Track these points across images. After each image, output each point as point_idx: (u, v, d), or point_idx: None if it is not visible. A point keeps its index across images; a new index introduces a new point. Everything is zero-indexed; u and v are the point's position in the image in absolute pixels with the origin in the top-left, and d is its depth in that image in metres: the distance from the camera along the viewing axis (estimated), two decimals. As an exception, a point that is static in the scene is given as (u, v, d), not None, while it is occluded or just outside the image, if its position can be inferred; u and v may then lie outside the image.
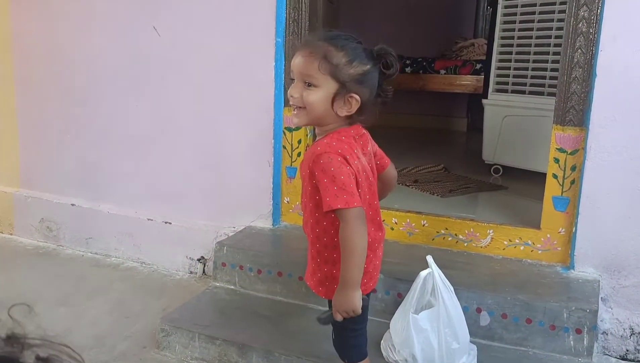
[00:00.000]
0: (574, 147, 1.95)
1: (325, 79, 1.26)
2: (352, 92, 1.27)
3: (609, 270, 1.92)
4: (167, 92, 2.52)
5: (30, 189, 2.92)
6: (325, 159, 1.25)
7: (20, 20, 2.80)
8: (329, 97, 1.27)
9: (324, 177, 1.24)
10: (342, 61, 1.26)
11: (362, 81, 1.27)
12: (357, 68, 1.27)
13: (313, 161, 1.27)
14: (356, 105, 1.28)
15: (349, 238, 1.24)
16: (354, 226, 1.24)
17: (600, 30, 1.84)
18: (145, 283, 2.45)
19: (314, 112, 1.29)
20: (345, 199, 1.22)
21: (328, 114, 1.29)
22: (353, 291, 1.27)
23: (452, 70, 4.69)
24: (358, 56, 1.27)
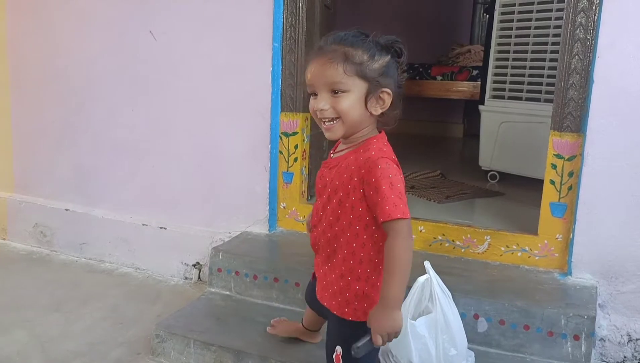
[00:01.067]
0: (572, 153, 1.94)
1: (354, 81, 1.20)
2: (383, 87, 1.21)
3: (606, 277, 1.92)
4: (162, 97, 2.51)
5: (24, 194, 2.90)
6: (384, 164, 1.18)
7: (16, 25, 2.79)
8: (362, 99, 1.21)
9: (383, 184, 1.16)
10: (364, 58, 1.20)
11: (387, 73, 1.22)
12: (380, 61, 1.21)
13: (369, 167, 1.19)
14: (389, 99, 1.22)
15: (400, 251, 1.16)
16: (406, 239, 1.17)
17: (597, 36, 1.84)
18: (140, 289, 2.43)
19: (351, 119, 1.22)
20: (402, 209, 1.15)
21: (363, 117, 1.23)
22: (397, 310, 1.16)
23: (448, 76, 4.70)
24: (375, 49, 1.22)
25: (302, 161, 2.36)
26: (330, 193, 1.27)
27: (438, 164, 3.62)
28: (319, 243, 1.34)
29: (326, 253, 1.32)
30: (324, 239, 1.31)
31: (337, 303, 1.30)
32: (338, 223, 1.27)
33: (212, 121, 2.42)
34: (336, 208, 1.26)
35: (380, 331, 1.16)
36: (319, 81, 1.22)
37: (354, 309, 1.28)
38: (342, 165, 1.26)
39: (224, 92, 2.38)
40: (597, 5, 1.84)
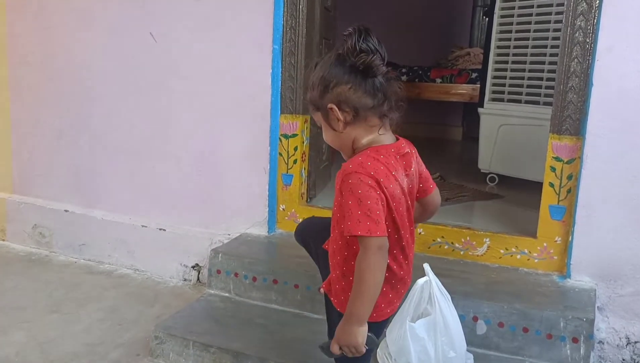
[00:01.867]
0: (571, 156, 1.95)
1: (315, 115, 1.28)
2: (327, 105, 1.22)
3: (605, 279, 1.92)
4: (162, 99, 2.51)
5: (23, 195, 2.90)
6: (355, 179, 1.16)
7: (15, 26, 2.79)
8: (327, 126, 1.25)
9: (350, 198, 1.16)
10: (311, 91, 1.26)
11: (325, 89, 1.22)
12: (315, 85, 1.24)
13: (342, 179, 1.19)
14: (335, 112, 1.21)
15: (364, 269, 1.15)
16: (372, 257, 1.15)
17: (596, 39, 1.85)
18: (139, 290, 2.42)
19: (333, 144, 1.29)
20: (368, 226, 1.14)
21: (340, 137, 1.25)
22: (357, 326, 1.17)
23: (448, 79, 4.71)
24: (314, 74, 1.25)
25: (301, 163, 2.36)
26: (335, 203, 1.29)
27: (437, 167, 3.62)
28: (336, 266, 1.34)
29: (332, 249, 1.33)
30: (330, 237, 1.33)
31: (339, 301, 1.32)
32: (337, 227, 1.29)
33: (211, 122, 2.42)
34: (334, 214, 1.28)
35: (339, 341, 1.19)
36: None
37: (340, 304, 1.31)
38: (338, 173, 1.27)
39: (224, 94, 2.38)
40: (596, 9, 1.85)
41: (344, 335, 1.19)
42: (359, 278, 1.16)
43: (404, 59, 5.19)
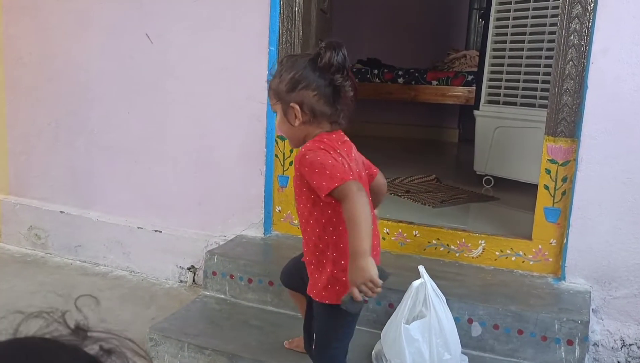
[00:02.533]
0: (566, 158, 1.96)
1: (274, 102, 1.38)
2: (290, 103, 1.34)
3: (599, 282, 1.93)
4: (158, 100, 2.51)
5: (19, 196, 2.89)
6: (310, 154, 1.30)
7: (12, 27, 2.78)
8: (282, 116, 1.37)
9: (313, 168, 1.28)
10: (275, 81, 1.36)
11: (292, 88, 1.33)
12: (284, 80, 1.34)
13: (299, 161, 1.31)
14: (297, 112, 1.33)
15: (352, 209, 1.23)
16: (355, 197, 1.23)
17: (591, 42, 1.86)
18: (134, 292, 2.42)
19: (284, 132, 1.41)
20: (339, 176, 1.25)
21: (292, 129, 1.37)
22: (365, 259, 1.21)
23: (444, 81, 4.71)
24: (285, 69, 1.36)
25: (297, 165, 2.36)
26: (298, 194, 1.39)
27: (433, 169, 3.63)
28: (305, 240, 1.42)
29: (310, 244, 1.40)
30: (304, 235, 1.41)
31: (317, 290, 1.38)
32: (304, 215, 1.38)
33: (208, 123, 2.42)
34: (305, 203, 1.37)
35: (357, 281, 1.21)
36: None
37: (330, 293, 1.35)
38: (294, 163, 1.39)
39: (220, 96, 2.38)
40: (591, 12, 1.86)
41: (359, 273, 1.20)
42: (351, 218, 1.23)
43: (400, 62, 5.20)
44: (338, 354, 1.45)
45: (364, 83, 4.85)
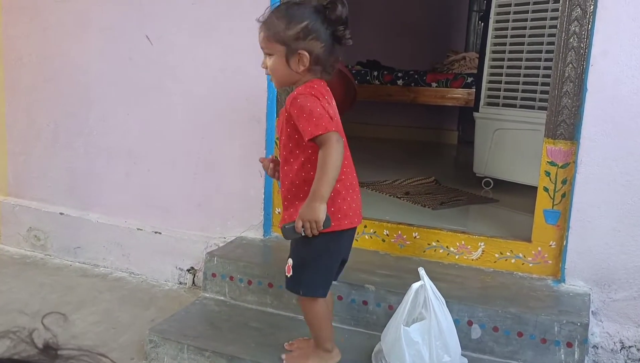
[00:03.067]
0: (565, 160, 1.96)
1: (274, 45, 1.47)
2: (299, 49, 1.44)
3: (599, 284, 1.93)
4: (158, 102, 2.51)
5: (18, 198, 2.89)
6: (302, 98, 1.43)
7: (11, 28, 2.79)
8: (282, 60, 1.47)
9: (302, 113, 1.41)
10: (281, 26, 1.45)
11: (304, 37, 1.44)
12: (294, 28, 1.44)
13: (291, 103, 1.45)
14: (307, 59, 1.45)
15: (327, 155, 1.39)
16: (332, 146, 1.39)
17: (591, 45, 1.86)
18: (134, 293, 2.42)
19: (277, 75, 1.50)
20: (324, 126, 1.39)
21: (290, 73, 1.48)
22: (320, 203, 1.39)
23: (443, 83, 4.71)
24: (294, 17, 1.45)
25: (297, 167, 2.36)
26: (281, 133, 1.53)
27: (432, 171, 3.63)
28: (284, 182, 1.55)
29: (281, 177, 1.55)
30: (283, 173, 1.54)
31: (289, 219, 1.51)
32: (285, 153, 1.52)
33: (207, 125, 2.42)
34: (287, 142, 1.51)
35: (303, 217, 1.39)
36: (260, 45, 1.51)
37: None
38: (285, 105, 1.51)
39: (220, 97, 2.38)
40: (590, 15, 1.86)
41: (309, 211, 1.38)
42: (323, 163, 1.39)
43: (400, 63, 5.20)
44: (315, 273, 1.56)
45: (364, 85, 4.85)
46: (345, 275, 1.97)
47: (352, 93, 4.02)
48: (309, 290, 1.57)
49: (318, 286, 1.57)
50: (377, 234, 2.24)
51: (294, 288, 1.60)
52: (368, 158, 4.08)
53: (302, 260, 1.56)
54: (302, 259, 1.57)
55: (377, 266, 2.08)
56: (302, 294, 1.59)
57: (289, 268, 1.58)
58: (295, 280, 1.58)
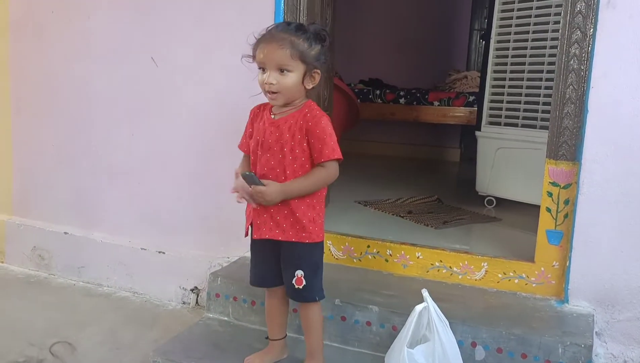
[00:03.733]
0: (567, 181, 1.97)
1: (297, 63, 1.54)
2: (316, 69, 1.57)
3: (603, 304, 1.93)
4: (162, 121, 2.54)
5: (23, 217, 2.91)
6: (326, 120, 1.57)
7: (18, 48, 2.83)
8: (300, 78, 1.56)
9: (325, 133, 1.55)
10: (305, 45, 1.54)
11: (319, 58, 1.57)
12: (315, 48, 1.56)
13: (315, 121, 1.56)
14: (319, 78, 1.59)
15: (325, 177, 1.57)
16: (333, 173, 1.58)
17: (591, 67, 1.88)
18: (138, 313, 2.42)
19: (289, 92, 1.57)
20: (339, 153, 1.56)
21: (299, 91, 1.58)
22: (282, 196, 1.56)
23: (445, 102, 4.75)
24: (312, 39, 1.56)
25: (300, 187, 2.38)
26: (283, 144, 1.59)
27: (435, 189, 3.64)
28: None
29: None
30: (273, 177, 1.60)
31: (295, 231, 1.60)
32: (291, 166, 1.58)
33: (211, 144, 2.44)
34: (288, 154, 1.58)
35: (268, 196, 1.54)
36: (269, 61, 1.55)
37: (309, 232, 1.60)
38: (288, 123, 1.59)
39: (224, 116, 2.41)
40: (590, 37, 1.88)
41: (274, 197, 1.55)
42: (316, 179, 1.57)
43: (401, 82, 5.25)
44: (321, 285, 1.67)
45: (366, 103, 4.89)
46: (348, 295, 1.98)
47: (355, 112, 4.06)
48: (321, 293, 1.67)
49: (323, 289, 1.68)
50: (381, 254, 2.24)
51: (309, 297, 1.65)
52: (370, 176, 4.10)
53: (315, 266, 1.64)
54: (314, 265, 1.64)
55: (381, 287, 2.08)
56: (317, 299, 1.66)
57: (300, 280, 1.63)
58: (309, 288, 1.63)
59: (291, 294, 1.68)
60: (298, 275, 1.63)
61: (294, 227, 1.60)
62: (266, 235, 1.63)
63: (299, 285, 1.63)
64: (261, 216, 1.64)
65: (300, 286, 1.63)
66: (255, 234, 1.66)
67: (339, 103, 3.56)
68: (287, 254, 1.65)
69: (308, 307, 1.69)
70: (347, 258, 2.30)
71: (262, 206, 1.60)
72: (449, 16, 5.52)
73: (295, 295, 1.66)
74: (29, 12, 2.79)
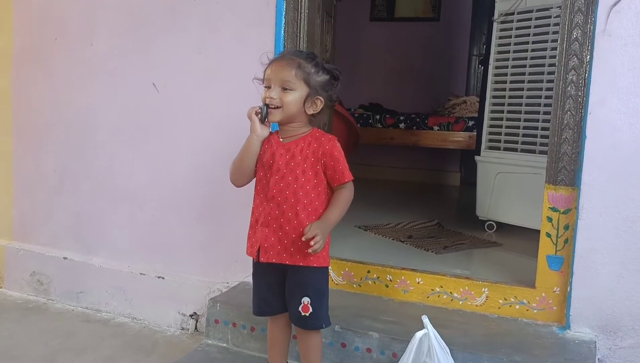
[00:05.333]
0: (567, 206, 1.97)
1: (300, 84, 1.58)
2: (318, 95, 1.60)
3: (605, 331, 1.91)
4: (163, 147, 2.55)
5: (22, 242, 2.90)
6: (338, 143, 1.62)
7: (21, 75, 2.86)
8: (302, 99, 1.59)
9: (341, 156, 1.60)
10: (312, 70, 1.60)
11: (324, 87, 1.62)
12: (322, 77, 1.61)
13: (332, 143, 1.61)
14: (320, 105, 1.62)
15: (349, 198, 1.61)
16: (352, 194, 1.62)
17: (588, 93, 1.90)
18: (136, 339, 2.40)
19: (289, 110, 1.60)
20: (351, 174, 1.61)
21: (299, 112, 1.61)
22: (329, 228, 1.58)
23: (445, 126, 4.78)
24: (320, 68, 1.62)
25: (300, 212, 2.38)
26: (294, 167, 1.61)
27: (435, 213, 3.64)
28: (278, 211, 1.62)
29: (287, 218, 1.60)
30: (287, 205, 1.61)
31: (302, 255, 1.59)
32: (304, 188, 1.60)
33: (211, 169, 2.45)
34: (301, 177, 1.60)
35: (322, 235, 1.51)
36: (275, 78, 1.59)
37: (317, 256, 1.59)
38: (300, 146, 1.62)
39: (224, 143, 2.42)
40: (587, 64, 1.90)
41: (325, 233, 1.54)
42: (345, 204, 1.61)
43: (401, 106, 5.29)
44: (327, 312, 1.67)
45: (366, 128, 4.92)
46: (349, 321, 1.97)
47: (355, 136, 4.08)
48: (328, 320, 1.66)
49: (329, 316, 1.67)
50: (381, 279, 2.23)
51: (316, 325, 1.65)
52: (370, 200, 4.10)
53: (321, 292, 1.64)
54: (321, 292, 1.64)
55: (381, 312, 2.07)
56: (324, 327, 1.66)
57: (307, 307, 1.62)
58: (316, 315, 1.62)
59: (297, 321, 1.65)
60: (305, 302, 1.62)
61: (301, 251, 1.58)
62: (273, 259, 1.62)
63: (306, 312, 1.62)
64: (269, 240, 1.63)
65: (306, 314, 1.62)
66: (263, 257, 1.64)
67: (339, 128, 3.58)
68: (294, 279, 1.64)
69: (310, 334, 1.67)
70: (347, 283, 2.29)
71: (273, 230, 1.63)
72: (448, 41, 5.58)
73: (301, 323, 1.65)
74: (32, 40, 2.82)
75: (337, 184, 1.60)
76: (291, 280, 1.65)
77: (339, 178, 1.59)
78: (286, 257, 1.61)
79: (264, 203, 1.65)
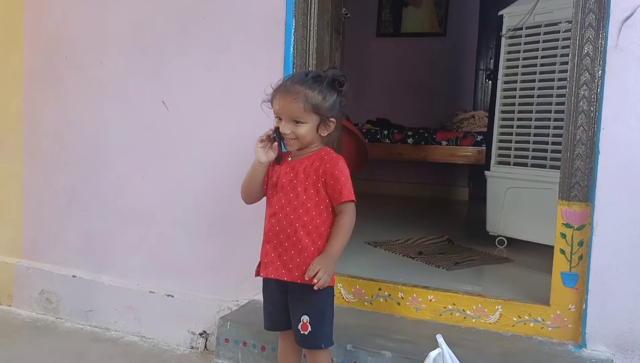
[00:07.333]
0: (581, 222, 1.95)
1: (310, 115, 1.59)
2: (330, 118, 1.63)
3: (622, 349, 1.88)
4: (173, 165, 2.55)
5: (32, 260, 2.90)
6: (343, 162, 1.62)
7: (32, 94, 2.87)
8: (314, 127, 1.62)
9: (343, 175, 1.59)
10: (319, 98, 1.59)
11: (333, 108, 1.62)
12: (329, 101, 1.61)
13: (333, 164, 1.60)
14: (333, 126, 1.64)
15: (350, 222, 1.59)
16: (354, 215, 1.60)
17: (601, 108, 1.88)
18: (146, 358, 2.38)
19: (305, 140, 1.63)
20: (353, 194, 1.59)
21: (314, 138, 1.64)
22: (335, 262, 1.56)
23: (453, 141, 4.76)
24: (327, 90, 1.60)
25: (310, 229, 2.36)
26: (296, 184, 1.62)
27: (445, 228, 3.62)
28: (278, 227, 1.63)
29: (286, 234, 1.61)
30: (286, 221, 1.61)
31: (301, 272, 1.56)
32: (304, 206, 1.60)
33: (222, 188, 2.44)
34: (302, 194, 1.61)
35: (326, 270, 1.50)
36: (285, 113, 1.61)
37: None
38: (304, 164, 1.64)
39: (235, 161, 2.41)
40: (599, 79, 1.89)
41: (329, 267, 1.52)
42: (346, 228, 1.59)
43: (409, 122, 5.29)
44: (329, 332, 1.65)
45: (374, 143, 4.92)
46: (360, 340, 1.94)
47: (364, 152, 4.07)
48: (329, 340, 1.64)
49: (332, 335, 1.65)
50: (392, 297, 2.21)
51: (314, 344, 1.63)
52: (379, 216, 4.09)
53: (322, 312, 1.62)
54: (321, 312, 1.62)
55: (393, 331, 2.04)
56: (324, 346, 1.63)
57: (306, 325, 1.61)
58: (315, 334, 1.61)
59: (298, 339, 1.66)
60: (304, 320, 1.61)
61: (301, 268, 1.58)
62: (272, 275, 1.63)
63: (305, 330, 1.61)
64: (269, 255, 1.65)
65: (305, 332, 1.62)
66: (263, 272, 1.66)
67: (348, 144, 3.58)
68: (294, 297, 1.64)
69: (317, 353, 1.66)
70: (358, 301, 2.26)
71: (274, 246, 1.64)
72: (455, 56, 5.60)
73: (302, 341, 1.65)
74: (42, 59, 2.83)
75: (337, 203, 1.59)
76: (292, 297, 1.65)
77: (337, 197, 1.59)
78: (285, 273, 1.61)
79: (267, 220, 1.68)
